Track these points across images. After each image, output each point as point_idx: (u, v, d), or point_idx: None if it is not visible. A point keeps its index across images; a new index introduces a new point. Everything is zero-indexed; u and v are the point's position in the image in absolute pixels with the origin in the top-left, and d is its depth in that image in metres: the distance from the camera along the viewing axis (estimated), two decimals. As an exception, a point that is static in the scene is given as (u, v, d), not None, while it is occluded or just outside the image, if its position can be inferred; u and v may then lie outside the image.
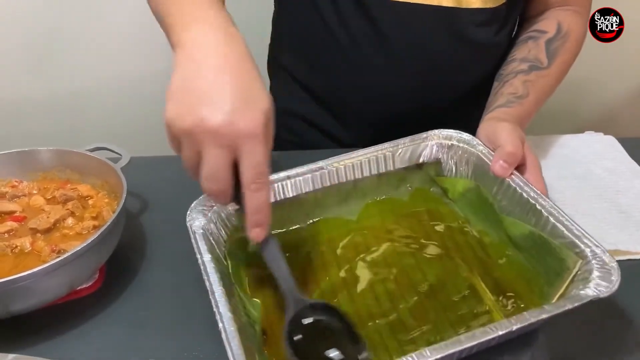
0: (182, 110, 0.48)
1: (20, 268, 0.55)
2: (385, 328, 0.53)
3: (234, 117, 0.47)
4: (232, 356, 0.44)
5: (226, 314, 0.48)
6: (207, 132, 0.47)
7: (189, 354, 0.53)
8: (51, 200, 0.66)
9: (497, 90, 0.76)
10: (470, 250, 0.60)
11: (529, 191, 0.57)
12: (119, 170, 0.64)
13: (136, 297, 0.60)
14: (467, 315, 0.53)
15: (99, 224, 0.62)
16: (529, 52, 0.78)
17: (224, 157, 0.48)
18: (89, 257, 0.55)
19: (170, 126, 0.49)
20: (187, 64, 0.50)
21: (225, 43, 0.51)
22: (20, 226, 0.63)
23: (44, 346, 0.54)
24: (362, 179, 0.66)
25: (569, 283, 0.50)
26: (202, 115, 0.47)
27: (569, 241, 0.52)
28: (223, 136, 0.47)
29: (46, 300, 0.55)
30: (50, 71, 1.39)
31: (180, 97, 0.49)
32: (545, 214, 0.55)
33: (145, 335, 0.56)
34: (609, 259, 0.49)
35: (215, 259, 0.54)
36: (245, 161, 0.48)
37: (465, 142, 0.66)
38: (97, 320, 0.57)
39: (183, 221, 0.70)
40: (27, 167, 0.69)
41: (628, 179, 0.76)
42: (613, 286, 0.47)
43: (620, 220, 0.68)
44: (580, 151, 0.83)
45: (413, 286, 0.57)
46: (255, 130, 0.47)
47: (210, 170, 0.48)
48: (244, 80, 0.49)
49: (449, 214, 0.65)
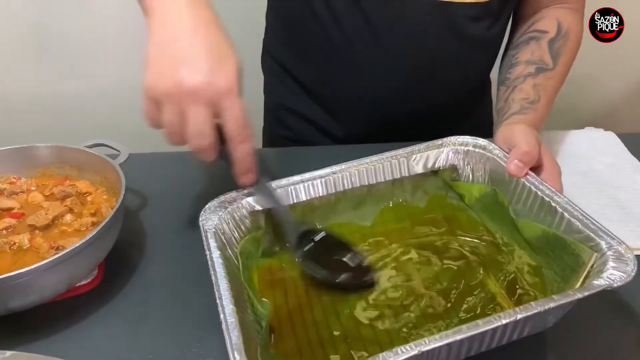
0: (161, 74, 0.51)
1: (18, 265, 0.55)
2: (395, 330, 0.53)
3: (211, 76, 0.50)
4: (230, 346, 0.44)
5: (228, 306, 0.48)
6: (188, 92, 0.50)
7: (188, 350, 0.53)
8: (50, 196, 0.66)
9: (508, 96, 0.75)
10: (487, 254, 0.60)
11: (544, 189, 0.57)
12: (117, 167, 0.63)
13: (135, 294, 0.60)
14: (480, 316, 0.53)
15: (97, 220, 0.62)
16: (533, 54, 0.78)
17: (206, 113, 0.51)
18: (87, 254, 0.55)
19: (151, 91, 0.52)
20: (160, 30, 0.53)
21: (193, 7, 0.53)
22: (18, 223, 0.62)
23: (43, 343, 0.54)
24: (376, 185, 0.66)
25: (584, 277, 0.50)
26: (182, 76, 0.50)
27: (584, 235, 0.51)
28: (204, 94, 0.50)
29: (45, 297, 0.55)
30: (49, 68, 1.39)
31: (158, 62, 0.51)
32: (560, 210, 0.55)
33: (144, 332, 0.56)
34: (625, 250, 0.48)
35: (225, 258, 0.54)
36: (227, 116, 0.52)
37: (481, 148, 0.66)
38: (96, 317, 0.57)
39: (182, 217, 0.71)
40: (26, 164, 0.69)
41: (628, 174, 0.76)
42: (628, 276, 0.46)
43: (620, 215, 0.68)
44: (581, 147, 0.83)
45: (426, 289, 0.57)
46: (231, 86, 0.51)
47: (196, 127, 0.51)
48: (215, 40, 0.53)
49: (466, 219, 0.65)
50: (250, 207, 0.62)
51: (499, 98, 0.78)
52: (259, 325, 0.53)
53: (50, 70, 1.39)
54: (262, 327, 0.52)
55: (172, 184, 0.77)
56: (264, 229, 0.62)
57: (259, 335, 0.51)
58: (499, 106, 0.77)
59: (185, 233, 0.68)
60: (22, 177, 0.69)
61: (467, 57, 0.83)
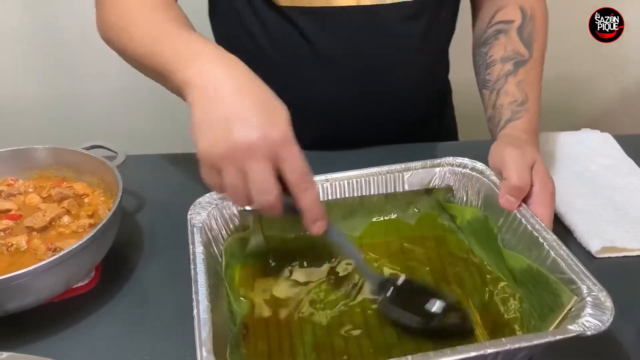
0: (214, 139, 0.50)
1: (16, 266, 0.55)
2: (366, 342, 0.53)
3: (265, 129, 0.49)
4: (199, 342, 0.45)
5: (203, 302, 0.48)
6: (244, 150, 0.49)
7: (185, 351, 0.53)
8: (47, 198, 0.66)
9: (495, 101, 0.74)
10: (469, 280, 0.59)
11: (534, 223, 0.56)
12: (114, 169, 0.64)
13: (132, 296, 0.60)
14: (453, 343, 0.50)
15: (94, 222, 0.62)
16: (506, 49, 0.76)
17: (267, 168, 0.49)
18: (85, 255, 0.55)
19: (206, 157, 0.51)
20: (203, 98, 0.52)
21: (230, 68, 0.53)
22: (16, 224, 0.62)
23: (40, 344, 0.54)
24: (369, 197, 0.66)
25: (561, 319, 0.49)
26: (236, 136, 0.49)
27: (567, 277, 0.50)
28: (260, 149, 0.49)
29: (42, 298, 0.55)
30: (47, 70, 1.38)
31: (208, 129, 0.50)
32: (547, 247, 0.53)
33: (141, 334, 0.56)
34: (605, 298, 0.47)
35: (209, 254, 0.55)
36: (287, 166, 0.50)
37: (478, 172, 0.64)
38: (93, 319, 0.57)
39: (179, 219, 0.70)
40: (23, 166, 0.69)
41: (624, 176, 0.76)
42: (603, 326, 0.45)
43: (616, 217, 0.68)
44: (577, 148, 0.83)
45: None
46: (285, 135, 0.50)
47: (259, 184, 0.50)
48: (260, 95, 0.52)
49: (454, 242, 0.64)
50: (240, 207, 0.62)
51: (486, 104, 0.77)
52: (233, 324, 0.53)
53: (48, 71, 1.39)
54: (236, 325, 0.53)
55: (169, 186, 0.77)
56: (251, 230, 0.62)
57: (231, 333, 0.51)
58: (489, 114, 0.75)
59: (183, 234, 0.68)
60: (19, 178, 0.69)
61: (409, 60, 0.81)
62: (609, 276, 0.51)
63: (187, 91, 0.53)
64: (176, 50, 0.57)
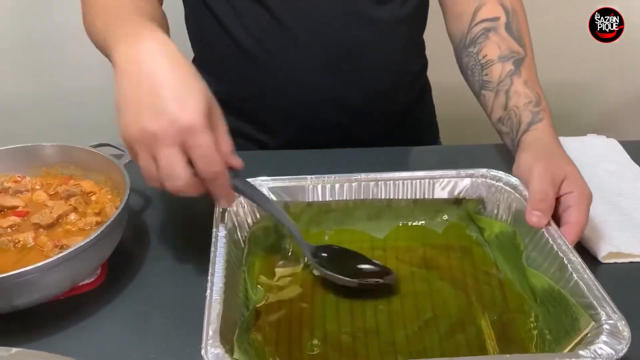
0: (127, 122, 0.51)
1: (23, 263, 0.55)
2: (374, 343, 0.53)
3: (174, 115, 0.49)
4: (207, 321, 0.46)
5: (217, 284, 0.49)
6: (151, 136, 0.50)
7: (192, 350, 0.53)
8: (54, 195, 0.66)
9: (506, 103, 0.73)
10: (488, 294, 0.58)
11: (561, 244, 0.55)
12: (122, 167, 0.64)
13: (138, 294, 0.60)
14: (462, 352, 0.52)
15: (101, 220, 0.62)
16: (501, 48, 0.75)
17: (175, 154, 0.50)
18: (91, 253, 0.55)
19: (123, 138, 0.52)
20: (122, 80, 0.53)
21: (154, 49, 0.53)
22: (23, 221, 0.63)
23: (47, 341, 0.54)
24: (397, 201, 0.65)
25: (575, 344, 0.48)
26: (145, 121, 0.50)
27: (587, 301, 0.49)
28: (168, 136, 0.49)
29: (49, 295, 0.55)
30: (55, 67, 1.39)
31: (124, 111, 0.52)
32: (571, 269, 0.53)
33: (147, 332, 0.56)
34: (623, 327, 0.46)
35: (231, 239, 0.57)
36: (194, 154, 0.51)
37: (511, 186, 0.64)
38: (99, 316, 0.57)
39: (185, 218, 0.71)
40: (30, 163, 0.69)
41: (629, 181, 0.76)
42: (616, 355, 0.44)
43: (622, 222, 0.68)
44: (583, 153, 0.83)
45: (418, 312, 0.56)
46: (193, 123, 0.49)
47: (166, 170, 0.51)
48: (177, 80, 0.51)
49: (480, 254, 0.63)
50: (269, 197, 0.63)
51: (491, 105, 0.76)
52: (246, 309, 0.53)
53: (57, 69, 1.39)
54: (249, 309, 0.53)
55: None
56: (275, 221, 0.63)
57: (242, 318, 0.51)
58: (498, 115, 0.75)
59: (189, 233, 0.68)
60: (26, 175, 0.69)
61: (381, 45, 0.81)
62: (615, 281, 0.51)
63: (114, 71, 0.54)
64: (116, 32, 0.57)
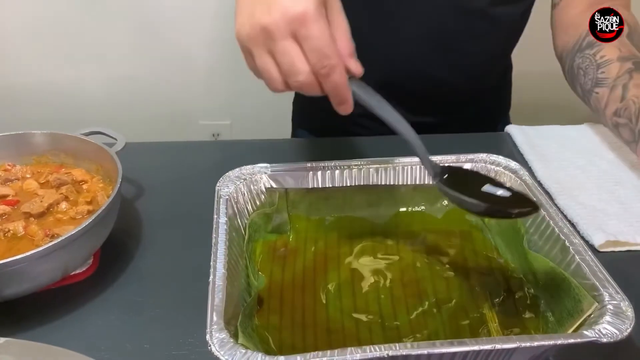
0: (241, 21, 0.50)
1: (13, 252, 0.54)
2: (377, 328, 0.53)
3: (283, 7, 0.47)
4: (211, 307, 0.45)
5: (220, 270, 0.49)
6: (263, 31, 0.48)
7: (184, 340, 0.53)
8: (45, 184, 0.66)
9: (622, 95, 0.73)
10: (490, 278, 0.58)
11: (562, 227, 0.56)
12: (114, 155, 0.63)
13: (130, 283, 0.59)
14: (465, 336, 0.51)
15: (93, 208, 0.61)
16: (621, 50, 0.77)
17: (291, 46, 0.48)
18: (83, 242, 0.55)
19: (238, 40, 0.51)
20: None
21: None
22: (13, 210, 0.62)
23: (37, 331, 0.54)
24: (397, 187, 0.65)
25: (579, 325, 0.48)
26: (256, 18, 0.48)
27: (590, 283, 0.49)
28: (278, 28, 0.48)
29: (40, 284, 0.54)
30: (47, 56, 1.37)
31: (240, 11, 0.50)
32: (573, 252, 0.53)
33: (139, 322, 0.55)
34: (626, 307, 0.46)
35: (232, 226, 0.56)
36: (306, 47, 0.48)
37: (511, 171, 0.64)
38: (91, 306, 0.57)
39: (178, 207, 0.70)
40: (21, 151, 0.68)
41: (627, 170, 0.76)
42: (620, 334, 0.44)
43: (619, 211, 0.68)
44: (580, 142, 0.82)
45: (420, 298, 0.56)
46: (304, 12, 0.47)
47: (285, 65, 0.49)
48: None
49: (480, 239, 0.63)
50: (268, 184, 0.63)
51: (606, 101, 0.76)
52: (248, 295, 0.53)
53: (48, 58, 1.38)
54: (251, 296, 0.53)
55: (169, 174, 0.77)
56: (276, 207, 0.62)
57: (245, 303, 0.51)
58: (614, 108, 0.74)
59: (182, 222, 0.68)
60: (17, 164, 0.68)
61: (489, 37, 0.85)
62: (612, 270, 0.51)
63: None
64: None
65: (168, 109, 1.55)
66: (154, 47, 1.40)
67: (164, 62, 1.46)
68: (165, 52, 1.45)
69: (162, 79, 1.48)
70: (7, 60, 1.37)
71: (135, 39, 1.37)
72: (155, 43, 1.40)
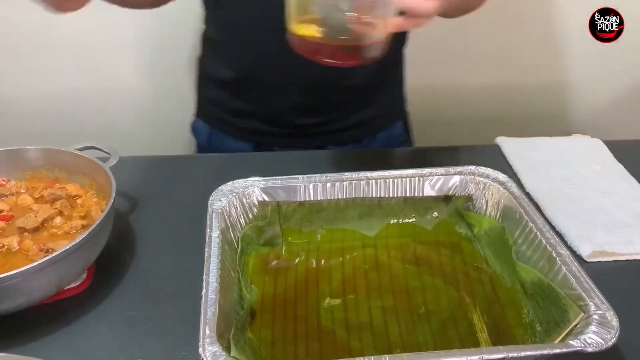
0: None
1: (7, 267, 0.55)
2: (368, 338, 0.54)
3: None
4: (204, 320, 0.46)
5: (212, 284, 0.50)
6: None
7: (178, 353, 0.53)
8: (39, 199, 0.66)
9: None
10: (479, 288, 0.59)
11: (549, 238, 0.57)
12: (107, 170, 0.63)
13: (125, 297, 0.60)
14: (454, 346, 0.52)
15: (87, 223, 0.62)
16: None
17: None
18: (77, 257, 0.55)
19: None
20: None
21: None
22: (7, 225, 0.62)
23: (32, 345, 0.54)
24: (387, 199, 0.66)
25: (565, 335, 0.49)
26: None
27: (576, 293, 0.51)
28: None
29: (34, 299, 0.55)
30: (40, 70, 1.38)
31: None
32: (560, 262, 0.54)
33: (133, 335, 0.56)
34: (611, 317, 0.47)
35: (225, 239, 0.57)
36: None
37: (499, 183, 0.65)
38: (85, 320, 0.57)
39: (172, 220, 0.71)
40: (15, 166, 0.69)
41: (614, 181, 0.77)
42: (605, 344, 0.45)
43: (606, 221, 0.69)
44: (568, 153, 0.84)
45: (410, 308, 0.57)
46: None
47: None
48: None
49: (469, 250, 0.64)
50: (260, 197, 0.64)
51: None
52: (241, 309, 0.54)
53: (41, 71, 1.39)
54: (244, 309, 0.54)
55: (162, 187, 0.77)
56: (268, 220, 0.63)
57: (237, 317, 0.52)
58: None
59: (175, 236, 0.68)
60: (11, 179, 0.69)
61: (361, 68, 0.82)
62: (598, 280, 0.52)
63: None
64: None
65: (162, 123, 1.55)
66: (150, 60, 1.41)
67: (159, 74, 1.47)
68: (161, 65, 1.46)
69: (156, 93, 1.49)
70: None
71: (130, 52, 1.37)
72: (152, 55, 1.41)
